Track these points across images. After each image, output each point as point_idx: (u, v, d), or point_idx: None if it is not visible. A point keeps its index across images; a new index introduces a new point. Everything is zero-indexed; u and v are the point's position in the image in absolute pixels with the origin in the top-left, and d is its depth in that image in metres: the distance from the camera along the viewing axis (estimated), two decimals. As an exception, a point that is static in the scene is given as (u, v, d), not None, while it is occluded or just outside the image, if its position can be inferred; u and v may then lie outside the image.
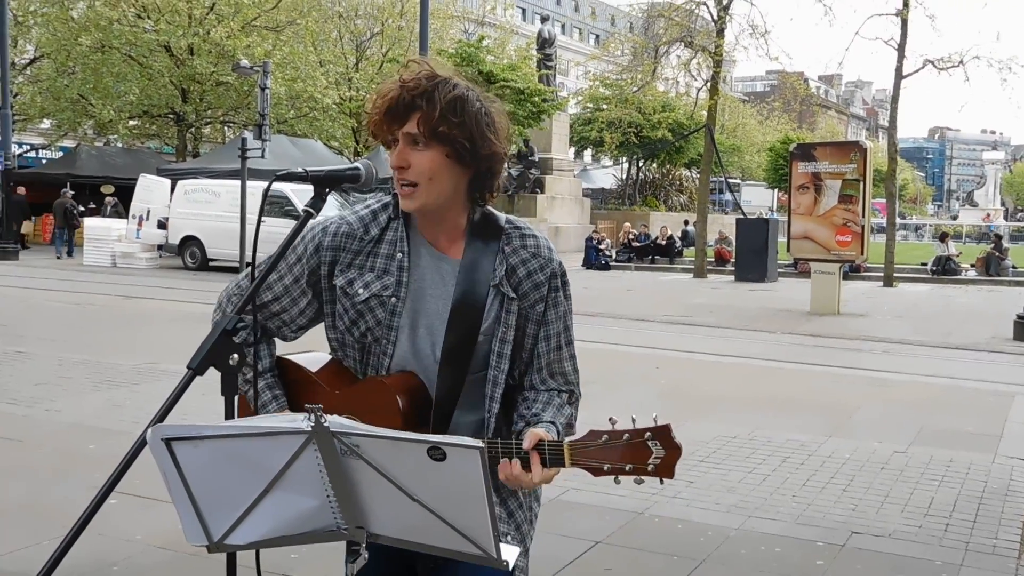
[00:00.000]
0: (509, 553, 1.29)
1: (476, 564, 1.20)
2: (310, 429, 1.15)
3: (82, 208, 23.40)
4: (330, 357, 1.65)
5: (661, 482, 1.42)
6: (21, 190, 22.27)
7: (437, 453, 1.13)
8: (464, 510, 1.17)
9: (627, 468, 1.40)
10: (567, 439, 1.45)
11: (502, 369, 1.58)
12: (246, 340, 1.55)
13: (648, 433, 1.40)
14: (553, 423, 1.56)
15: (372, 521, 1.25)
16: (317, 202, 1.46)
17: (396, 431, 1.19)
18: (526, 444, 1.45)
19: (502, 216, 1.63)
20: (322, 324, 1.67)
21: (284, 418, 1.19)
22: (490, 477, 1.15)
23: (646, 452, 1.40)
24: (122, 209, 23.88)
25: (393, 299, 1.56)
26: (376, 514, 1.23)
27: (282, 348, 1.73)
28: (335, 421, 1.16)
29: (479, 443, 1.13)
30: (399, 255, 1.58)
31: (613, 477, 1.42)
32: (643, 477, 1.40)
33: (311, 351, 1.70)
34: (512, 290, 1.57)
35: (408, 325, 1.57)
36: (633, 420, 1.41)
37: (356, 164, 1.52)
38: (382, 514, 1.23)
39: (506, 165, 1.61)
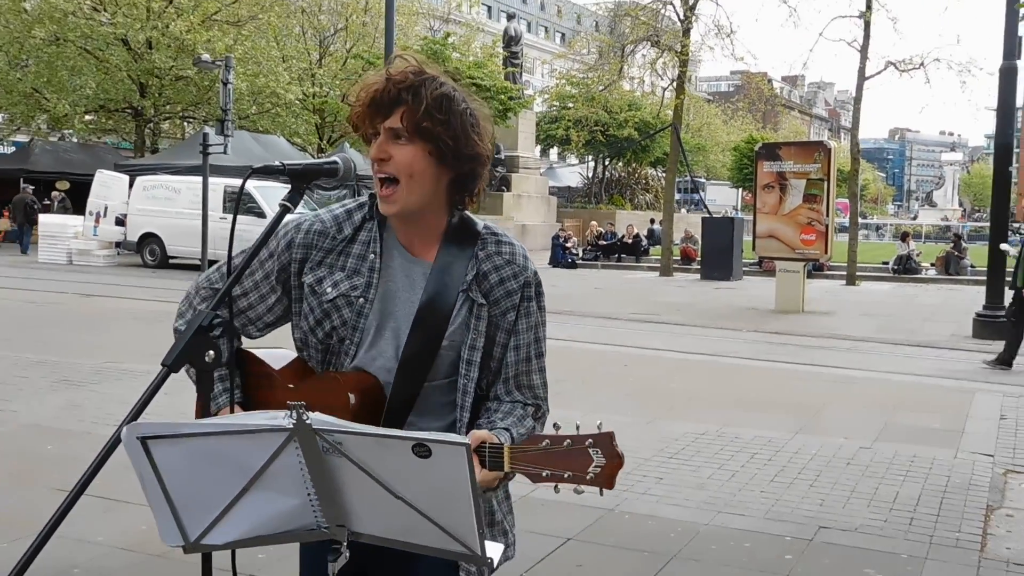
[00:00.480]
0: (493, 550, 1.27)
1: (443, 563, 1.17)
2: (291, 426, 1.12)
3: (38, 204, 22.86)
4: (295, 355, 1.62)
5: (601, 492, 1.36)
6: None
7: (422, 450, 1.11)
8: (449, 508, 1.15)
9: (566, 476, 1.34)
10: (507, 443, 1.40)
11: (471, 377, 1.55)
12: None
13: (589, 440, 1.32)
14: (508, 430, 1.51)
15: (354, 520, 1.22)
16: (295, 196, 1.42)
17: (381, 428, 1.16)
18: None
19: (480, 222, 1.60)
20: (289, 324, 1.63)
21: (265, 415, 1.16)
22: (475, 475, 1.13)
23: (586, 460, 1.33)
24: (69, 204, 23.37)
25: (361, 299, 1.53)
26: (358, 513, 1.21)
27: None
28: (317, 418, 1.13)
29: (465, 440, 1.11)
30: (371, 256, 1.55)
31: (552, 485, 1.37)
32: (582, 487, 1.34)
33: (280, 348, 1.66)
34: (482, 296, 1.54)
35: (374, 327, 1.54)
36: (577, 427, 1.35)
37: (334, 158, 1.49)
38: (365, 513, 1.21)
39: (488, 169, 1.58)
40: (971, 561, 3.68)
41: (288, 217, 1.48)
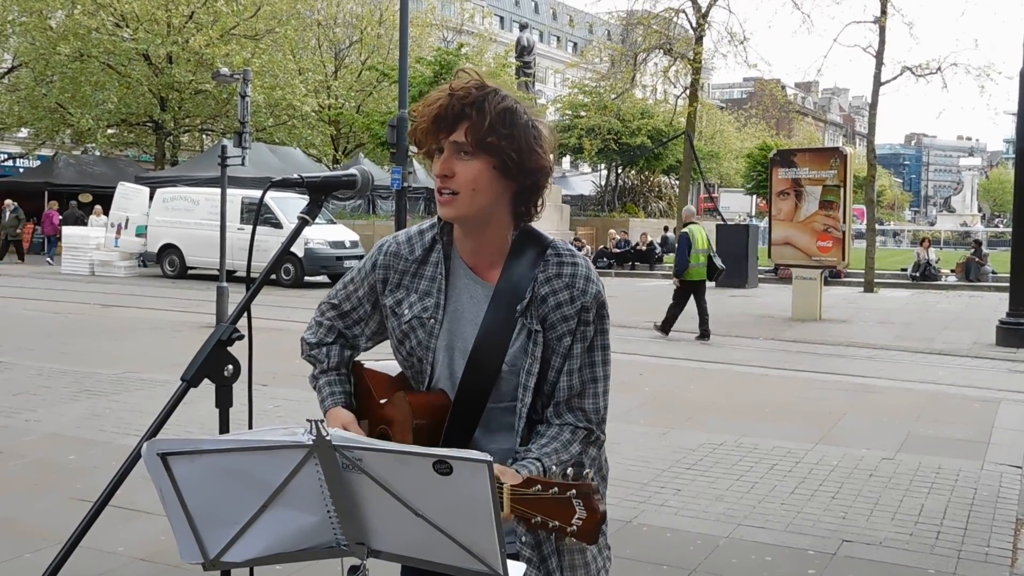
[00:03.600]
0: (516, 570, 1.25)
1: None
2: (311, 443, 1.11)
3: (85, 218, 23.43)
4: (400, 370, 1.67)
5: (603, 437, 1.33)
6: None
7: (443, 467, 1.10)
8: (470, 526, 1.13)
9: (551, 525, 1.27)
10: (509, 484, 1.31)
11: (525, 402, 1.54)
12: (322, 340, 1.64)
13: (572, 491, 1.26)
14: (539, 460, 1.46)
15: (374, 537, 1.21)
16: (313, 208, 1.43)
17: (400, 444, 1.15)
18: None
19: (548, 239, 1.58)
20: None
21: (284, 431, 1.15)
22: (497, 492, 1.11)
23: (570, 511, 1.26)
24: (80, 215, 23.68)
25: (432, 320, 1.56)
26: (378, 530, 1.20)
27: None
28: (337, 434, 1.12)
29: (487, 457, 1.09)
30: (439, 277, 1.58)
31: (544, 533, 1.32)
32: (568, 539, 1.27)
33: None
34: (538, 322, 1.53)
35: (445, 347, 1.57)
36: (567, 474, 1.29)
37: (352, 170, 1.50)
38: (384, 530, 1.19)
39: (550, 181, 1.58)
40: (1001, 576, 3.61)
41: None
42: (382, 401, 1.60)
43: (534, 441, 1.54)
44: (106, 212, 21.07)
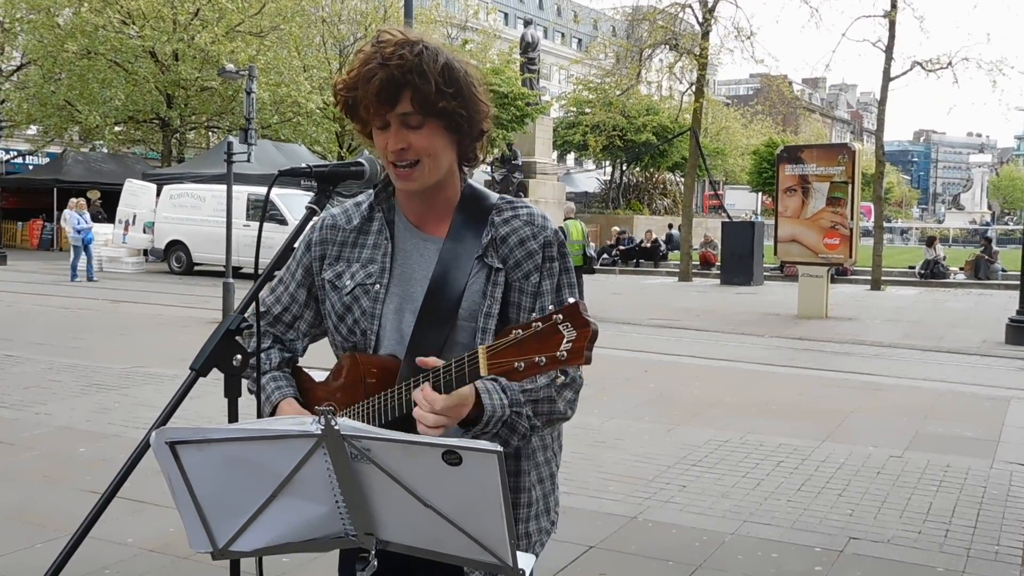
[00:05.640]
0: (526, 561, 1.25)
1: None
2: (320, 432, 1.11)
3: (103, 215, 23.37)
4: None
5: (578, 378, 1.24)
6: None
7: (452, 457, 1.09)
8: (479, 517, 1.13)
9: (538, 360, 1.18)
10: (483, 346, 1.25)
11: None
12: (254, 346, 1.54)
13: (559, 316, 1.18)
14: (496, 380, 1.36)
15: (382, 528, 1.20)
16: (321, 199, 1.42)
17: (410, 435, 1.15)
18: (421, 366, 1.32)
19: (494, 195, 1.56)
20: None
21: (293, 421, 1.15)
22: (507, 482, 1.11)
23: (558, 337, 1.17)
24: (101, 213, 23.70)
25: (376, 286, 1.51)
26: (387, 521, 1.19)
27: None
28: (345, 424, 1.11)
29: (497, 447, 1.09)
30: (384, 242, 1.53)
31: (530, 379, 1.26)
32: (557, 369, 1.19)
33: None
34: (499, 260, 1.48)
35: (393, 311, 1.51)
36: (549, 308, 1.23)
37: (360, 159, 1.48)
38: (393, 521, 1.19)
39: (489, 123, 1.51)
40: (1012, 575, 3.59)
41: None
42: (322, 380, 1.54)
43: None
44: (109, 210, 21.09)
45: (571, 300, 1.20)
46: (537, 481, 1.55)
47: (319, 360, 1.70)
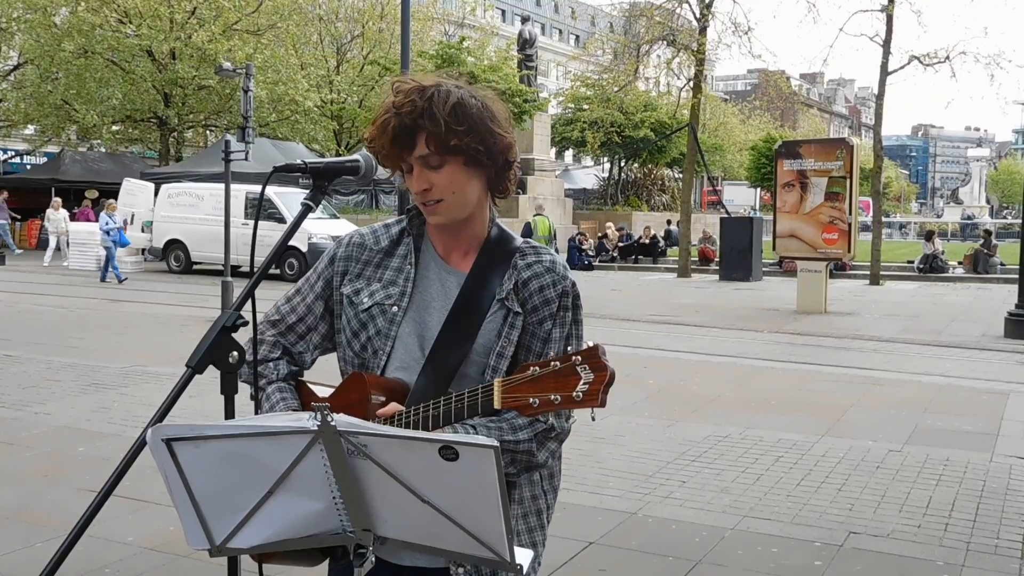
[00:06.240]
0: (523, 557, 1.25)
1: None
2: (316, 428, 1.11)
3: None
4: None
5: (592, 418, 1.25)
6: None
7: (449, 453, 1.09)
8: (477, 512, 1.13)
9: (553, 399, 1.23)
10: (498, 379, 1.30)
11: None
12: (266, 357, 1.57)
13: (577, 357, 1.22)
14: (475, 427, 1.41)
15: (380, 524, 1.20)
16: (316, 195, 1.42)
17: (406, 431, 1.14)
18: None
19: (519, 238, 1.61)
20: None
21: (289, 417, 1.15)
22: (504, 478, 1.11)
23: (575, 379, 1.22)
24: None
25: (394, 308, 1.54)
26: (384, 516, 1.19)
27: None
28: (342, 420, 1.11)
29: (494, 442, 1.09)
30: (408, 267, 1.57)
31: (541, 415, 1.29)
32: (571, 410, 1.22)
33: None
34: (519, 304, 1.53)
35: (407, 335, 1.54)
36: (567, 349, 1.27)
37: (356, 156, 1.49)
38: (390, 517, 1.19)
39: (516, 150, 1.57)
40: (1011, 569, 3.58)
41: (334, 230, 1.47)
42: (326, 395, 1.55)
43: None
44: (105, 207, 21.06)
45: (590, 343, 1.24)
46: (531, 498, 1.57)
47: (320, 376, 1.70)
